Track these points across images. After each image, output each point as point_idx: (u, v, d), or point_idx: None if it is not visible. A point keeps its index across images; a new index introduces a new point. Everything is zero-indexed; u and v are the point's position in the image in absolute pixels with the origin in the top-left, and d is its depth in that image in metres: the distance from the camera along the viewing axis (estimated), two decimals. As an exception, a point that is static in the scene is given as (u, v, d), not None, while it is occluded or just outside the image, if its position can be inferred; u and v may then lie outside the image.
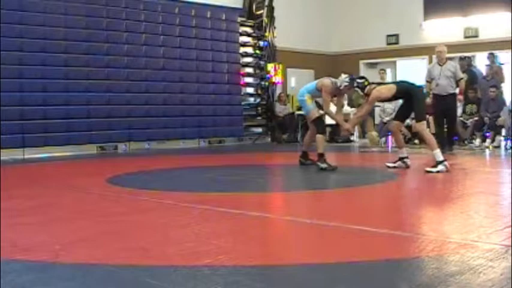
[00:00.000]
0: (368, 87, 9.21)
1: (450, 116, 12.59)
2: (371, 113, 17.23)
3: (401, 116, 9.57)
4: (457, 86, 12.43)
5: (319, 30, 19.71)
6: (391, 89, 9.12)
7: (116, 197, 6.81)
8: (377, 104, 16.69)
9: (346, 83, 9.30)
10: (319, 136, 9.30)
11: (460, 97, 13.51)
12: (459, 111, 15.02)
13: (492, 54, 15.68)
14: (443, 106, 12.30)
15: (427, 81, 12.49)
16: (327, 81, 9.47)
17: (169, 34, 15.36)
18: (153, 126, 14.77)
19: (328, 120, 11.94)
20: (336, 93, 9.56)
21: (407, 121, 11.53)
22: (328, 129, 14.22)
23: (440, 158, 8.59)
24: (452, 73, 12.24)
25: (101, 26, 14.07)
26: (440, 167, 8.49)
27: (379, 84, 9.78)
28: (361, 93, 9.33)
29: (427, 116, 10.61)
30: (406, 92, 9.13)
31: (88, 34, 13.85)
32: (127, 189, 7.49)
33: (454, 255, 3.83)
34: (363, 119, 12.20)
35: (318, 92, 9.41)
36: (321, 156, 9.04)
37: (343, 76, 9.46)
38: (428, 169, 8.53)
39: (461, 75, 12.54)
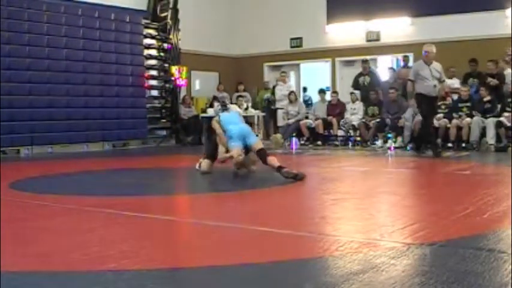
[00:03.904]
0: None
1: (432, 118, 12.34)
2: (272, 116, 17.53)
3: None
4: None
5: (223, 32, 19.82)
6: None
7: (19, 202, 6.70)
8: (281, 106, 17.08)
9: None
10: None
11: (449, 98, 13.82)
12: (361, 112, 15.54)
13: (407, 56, 16.32)
14: (429, 107, 11.90)
15: (411, 81, 11.92)
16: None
17: (72, 36, 15.10)
18: (56, 129, 14.50)
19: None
20: None
21: None
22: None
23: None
24: (439, 73, 11.77)
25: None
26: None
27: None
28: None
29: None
30: None
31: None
32: (30, 194, 7.35)
33: (357, 254, 3.94)
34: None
35: None
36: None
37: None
38: None
39: (444, 77, 12.23)
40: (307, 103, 18.40)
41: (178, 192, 8.04)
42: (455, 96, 14.34)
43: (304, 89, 19.97)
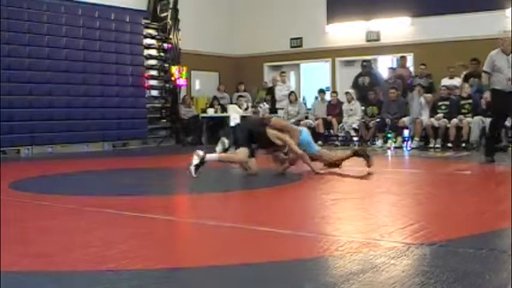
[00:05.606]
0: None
1: (504, 118, 10.83)
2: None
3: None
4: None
5: (223, 32, 19.80)
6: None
7: (19, 202, 6.70)
8: (281, 106, 17.09)
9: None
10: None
11: None
12: (359, 113, 15.51)
13: (404, 57, 16.34)
14: (503, 104, 10.00)
15: (486, 72, 10.14)
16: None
17: (72, 36, 15.10)
18: (56, 129, 14.50)
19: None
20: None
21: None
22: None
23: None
24: None
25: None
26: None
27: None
28: None
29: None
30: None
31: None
32: (30, 194, 7.34)
33: (357, 254, 3.94)
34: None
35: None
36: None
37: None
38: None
39: None
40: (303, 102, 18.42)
41: (178, 192, 8.03)
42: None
43: (301, 90, 20.04)
